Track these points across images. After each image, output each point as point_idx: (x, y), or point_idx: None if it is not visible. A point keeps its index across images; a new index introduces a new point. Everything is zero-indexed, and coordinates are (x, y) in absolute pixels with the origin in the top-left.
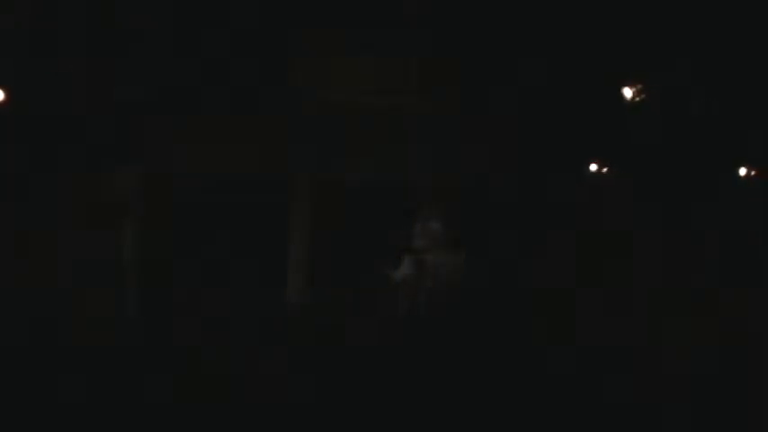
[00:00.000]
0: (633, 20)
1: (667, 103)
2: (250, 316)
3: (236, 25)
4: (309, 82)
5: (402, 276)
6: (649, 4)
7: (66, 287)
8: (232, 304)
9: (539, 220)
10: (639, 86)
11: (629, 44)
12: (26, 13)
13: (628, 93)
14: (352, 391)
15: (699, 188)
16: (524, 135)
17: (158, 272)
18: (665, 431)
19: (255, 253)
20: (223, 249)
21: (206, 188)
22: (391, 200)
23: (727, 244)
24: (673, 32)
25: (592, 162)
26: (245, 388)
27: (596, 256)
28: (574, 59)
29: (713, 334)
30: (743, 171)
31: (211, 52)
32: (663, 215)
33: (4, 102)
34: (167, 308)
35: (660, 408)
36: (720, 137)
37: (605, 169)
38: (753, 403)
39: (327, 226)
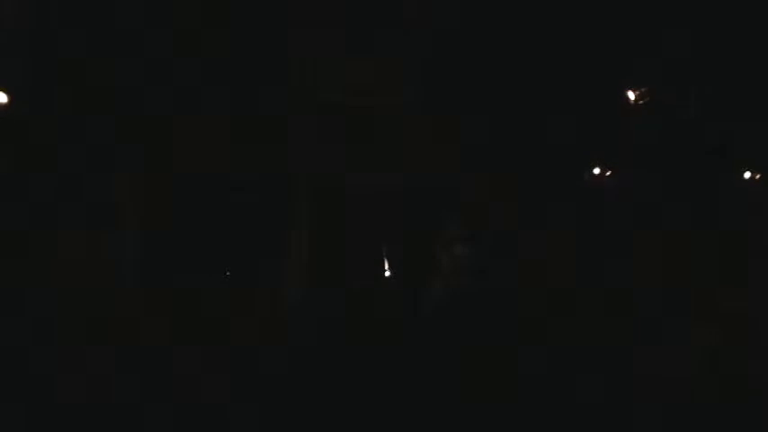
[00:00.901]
0: (636, 20)
1: (670, 106)
2: (249, 316)
3: (236, 25)
4: (309, 82)
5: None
6: (652, 6)
7: (66, 287)
8: (231, 304)
9: (539, 220)
10: (643, 89)
11: (631, 45)
12: (26, 13)
13: (631, 96)
14: (352, 392)
15: (701, 190)
16: (525, 136)
17: (158, 272)
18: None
19: (254, 253)
20: (221, 249)
21: (205, 188)
22: (391, 200)
23: (728, 245)
24: (676, 33)
25: (594, 164)
26: (245, 388)
27: (599, 255)
28: (576, 61)
29: (714, 334)
30: (747, 174)
31: (211, 52)
32: (664, 216)
33: (6, 104)
34: (167, 308)
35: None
36: (723, 140)
37: (608, 172)
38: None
39: (327, 226)
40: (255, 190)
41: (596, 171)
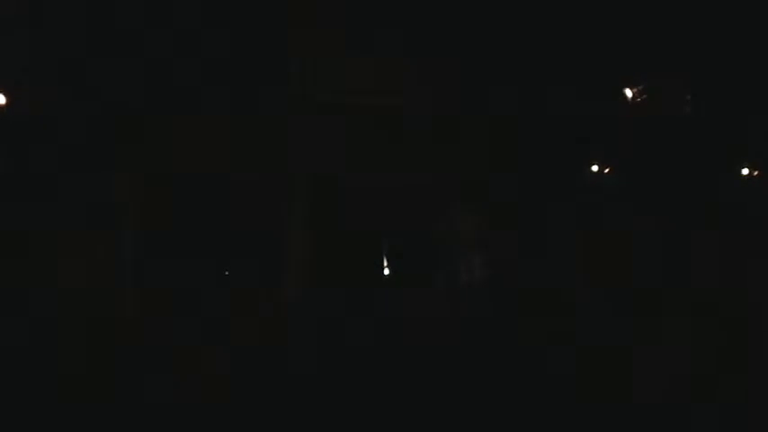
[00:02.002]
0: (634, 19)
1: (668, 104)
2: (247, 316)
3: (236, 25)
4: (309, 82)
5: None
6: (651, 5)
7: (66, 287)
8: (230, 304)
9: (539, 220)
10: (641, 87)
11: (629, 44)
12: (25, 13)
13: (629, 93)
14: (352, 391)
15: (700, 188)
16: (525, 135)
17: (157, 272)
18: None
19: (253, 253)
20: (221, 249)
21: (204, 188)
22: (390, 199)
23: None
24: (674, 32)
25: (593, 163)
26: (244, 388)
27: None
28: (574, 59)
29: (714, 333)
30: (745, 171)
31: (211, 52)
32: (663, 215)
33: (5, 104)
34: (166, 308)
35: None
36: (722, 137)
37: (607, 170)
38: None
39: (326, 226)
40: (255, 190)
41: (595, 168)
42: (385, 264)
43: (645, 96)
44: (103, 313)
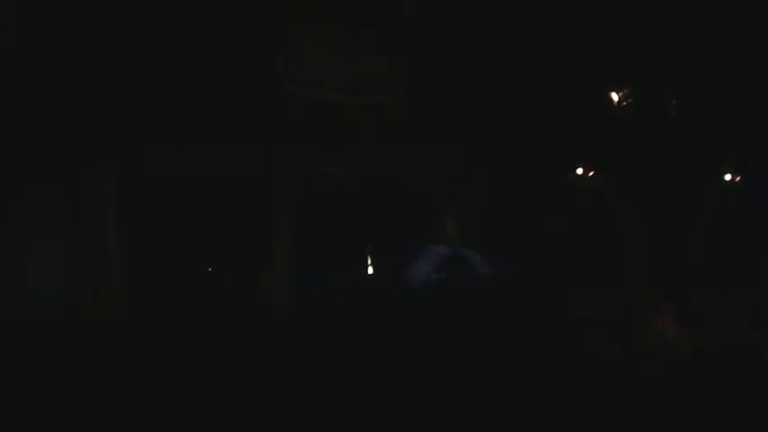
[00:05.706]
0: (620, 24)
1: (653, 107)
2: (234, 315)
3: (233, 25)
4: (303, 81)
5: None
6: (637, 8)
7: (64, 287)
8: (217, 303)
9: (533, 219)
10: (626, 90)
11: (616, 48)
12: (22, 11)
13: (614, 96)
14: (338, 392)
15: (685, 191)
16: (519, 136)
17: (147, 271)
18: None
19: (242, 252)
20: (210, 248)
21: (197, 187)
22: (382, 199)
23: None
24: (659, 37)
25: (580, 165)
26: (234, 387)
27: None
28: (564, 62)
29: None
30: (727, 176)
31: (210, 52)
32: (650, 217)
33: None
34: (158, 308)
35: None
36: (705, 141)
37: (591, 173)
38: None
39: (315, 225)
40: (244, 189)
41: (579, 171)
42: (369, 262)
43: (631, 99)
44: (94, 313)
